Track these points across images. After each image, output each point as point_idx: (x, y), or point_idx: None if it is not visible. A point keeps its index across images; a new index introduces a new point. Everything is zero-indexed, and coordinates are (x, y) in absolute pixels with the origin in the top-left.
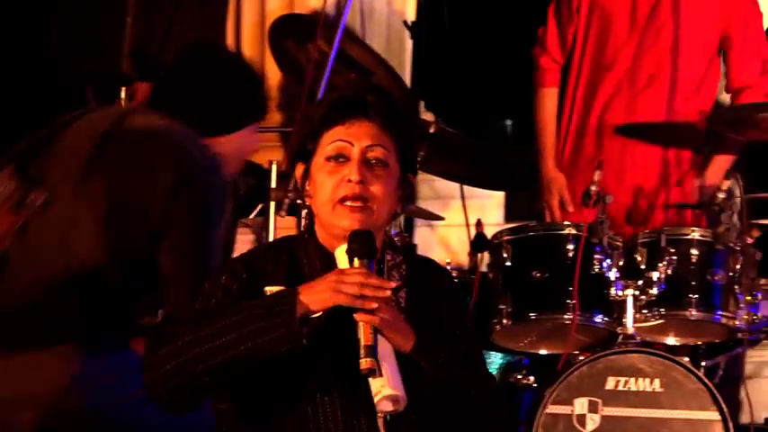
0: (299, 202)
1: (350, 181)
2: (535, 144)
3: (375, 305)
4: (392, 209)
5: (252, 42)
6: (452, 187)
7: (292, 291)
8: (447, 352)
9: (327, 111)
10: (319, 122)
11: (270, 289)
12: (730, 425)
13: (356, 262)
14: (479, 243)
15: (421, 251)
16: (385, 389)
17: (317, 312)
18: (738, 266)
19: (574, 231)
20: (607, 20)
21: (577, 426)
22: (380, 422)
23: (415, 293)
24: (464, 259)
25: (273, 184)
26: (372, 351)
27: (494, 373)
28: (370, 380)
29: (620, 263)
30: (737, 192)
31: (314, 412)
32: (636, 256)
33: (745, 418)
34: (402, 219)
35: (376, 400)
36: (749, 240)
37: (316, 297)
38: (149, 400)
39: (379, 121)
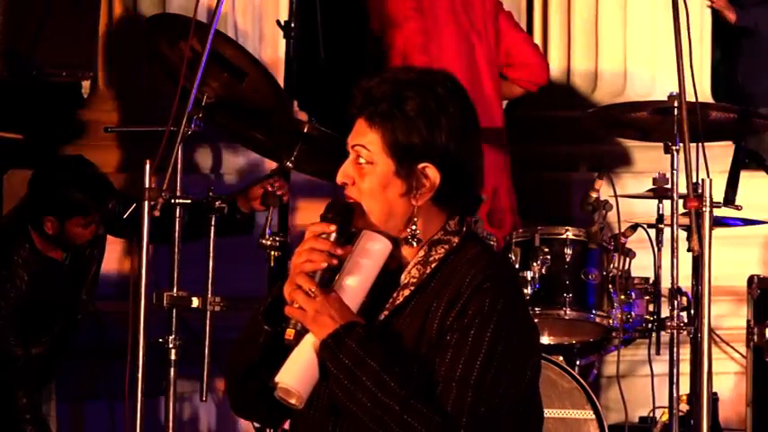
0: (173, 201)
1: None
2: None
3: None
4: (392, 204)
5: (124, 44)
6: None
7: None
8: (374, 354)
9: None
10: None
11: None
12: (605, 423)
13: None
14: None
15: None
16: (278, 378)
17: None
18: (612, 266)
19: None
20: None
21: None
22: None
23: (427, 294)
24: None
25: (148, 184)
26: (303, 327)
27: None
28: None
29: None
30: (611, 191)
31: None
32: (510, 255)
33: (619, 417)
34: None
35: (275, 384)
36: (623, 240)
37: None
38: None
39: (370, 117)
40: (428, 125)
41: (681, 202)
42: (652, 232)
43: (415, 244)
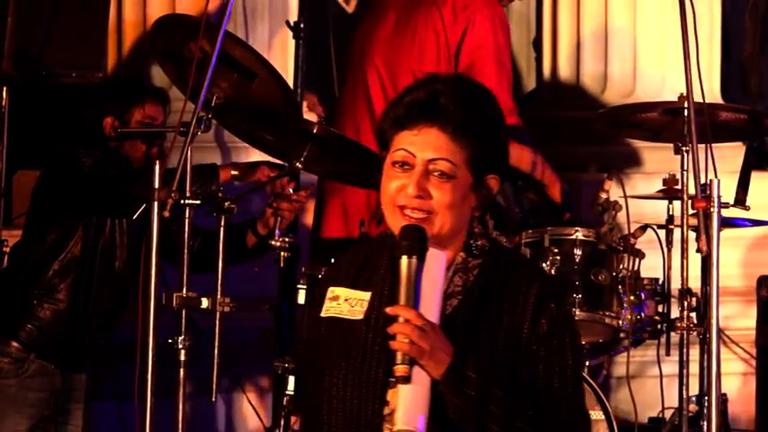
0: (182, 202)
1: (408, 193)
2: None
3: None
4: (464, 215)
5: (133, 44)
6: None
7: None
8: (490, 379)
9: (401, 111)
10: (392, 122)
11: (333, 290)
12: (614, 424)
13: (403, 260)
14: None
15: None
16: (399, 422)
17: None
18: (622, 266)
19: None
20: None
21: None
22: None
23: (472, 303)
24: None
25: (157, 184)
26: (412, 361)
27: None
28: (396, 406)
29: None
30: (621, 192)
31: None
32: None
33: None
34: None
35: (393, 429)
36: (632, 240)
37: None
38: None
39: (449, 129)
40: (497, 137)
41: (690, 202)
42: (662, 233)
43: (475, 255)
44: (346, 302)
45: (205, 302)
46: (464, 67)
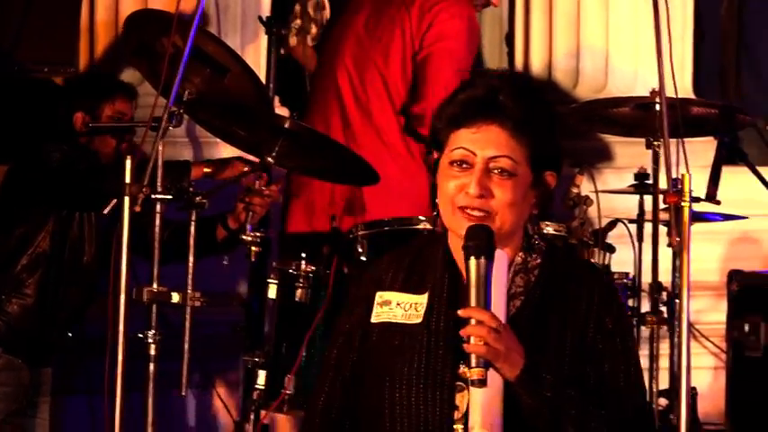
0: (153, 197)
1: (468, 193)
2: None
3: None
4: (524, 213)
5: (105, 40)
6: None
7: None
8: (560, 379)
9: (458, 110)
10: (448, 121)
11: (382, 294)
12: None
13: (472, 261)
14: (335, 238)
15: None
16: (476, 426)
17: None
18: (593, 261)
19: (428, 226)
20: None
21: None
22: None
23: (536, 303)
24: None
25: (128, 179)
26: (485, 363)
27: None
28: (470, 409)
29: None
30: (592, 186)
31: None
32: None
33: None
34: None
35: None
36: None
37: None
38: None
39: (509, 126)
40: (553, 133)
41: (662, 197)
42: (633, 227)
43: (536, 252)
44: (399, 307)
45: (176, 297)
46: (421, 59)
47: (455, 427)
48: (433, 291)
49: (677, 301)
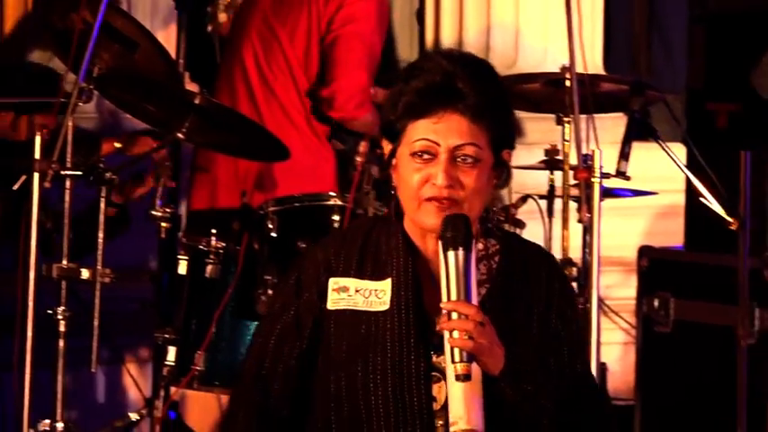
0: (63, 173)
1: (436, 184)
2: None
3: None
4: (487, 197)
5: (14, 16)
6: None
7: None
8: (536, 371)
9: (414, 99)
10: (404, 111)
11: (337, 281)
12: None
13: (450, 253)
14: (246, 214)
15: None
16: (461, 422)
17: None
18: None
19: (339, 202)
20: None
21: None
22: None
23: (501, 291)
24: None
25: (38, 155)
26: (470, 357)
27: None
28: (452, 404)
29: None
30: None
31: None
32: None
33: None
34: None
35: (452, 429)
36: (513, 211)
37: None
38: None
39: (470, 113)
40: (510, 111)
41: (572, 173)
42: (543, 203)
43: (495, 237)
44: (358, 294)
45: (85, 273)
46: (329, 41)
47: (437, 421)
48: (397, 278)
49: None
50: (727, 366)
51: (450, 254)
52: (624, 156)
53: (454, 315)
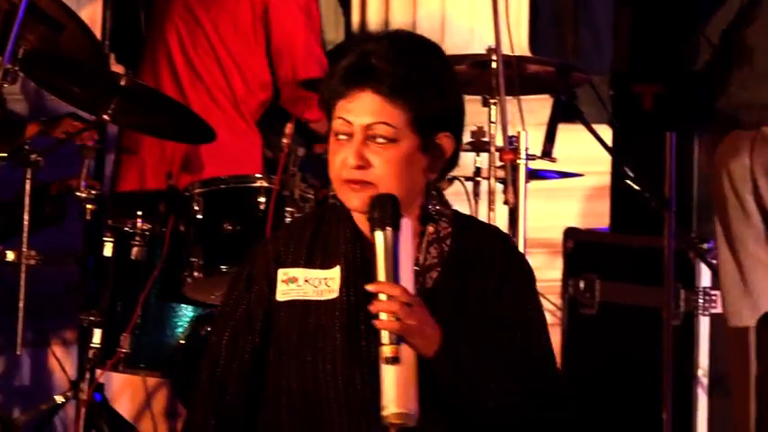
0: None
1: (346, 164)
2: None
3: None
4: (415, 180)
5: None
6: None
7: None
8: (481, 352)
9: (335, 80)
10: (330, 93)
11: (286, 271)
12: None
13: (378, 233)
14: (171, 196)
15: None
16: (391, 405)
17: None
18: None
19: (265, 184)
20: None
21: None
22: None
23: (453, 274)
24: None
25: None
26: (398, 339)
27: (185, 326)
28: (383, 388)
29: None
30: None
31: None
32: None
33: None
34: None
35: (383, 413)
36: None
37: None
38: None
39: (384, 90)
40: (446, 91)
41: (498, 155)
42: (469, 185)
43: (434, 220)
44: (308, 284)
45: (10, 255)
46: (270, 25)
47: None
48: (346, 265)
49: None
50: (652, 348)
51: (378, 234)
52: (550, 138)
53: (383, 297)
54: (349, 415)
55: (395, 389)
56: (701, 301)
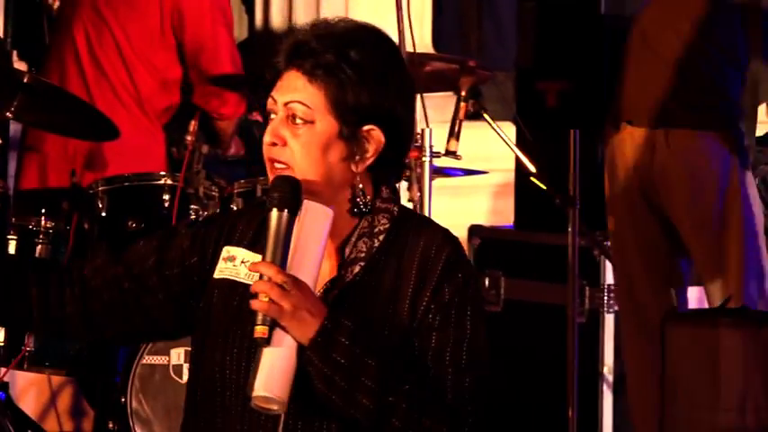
0: None
1: (265, 142)
2: None
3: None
4: (332, 168)
5: None
6: None
7: None
8: (370, 348)
9: (277, 58)
10: (270, 73)
11: (229, 249)
12: None
13: (273, 213)
14: (75, 194)
15: None
16: (257, 388)
17: None
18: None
19: (170, 182)
20: None
21: (174, 376)
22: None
23: (376, 271)
24: None
25: None
26: (273, 322)
27: None
28: (253, 370)
29: (218, 212)
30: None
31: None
32: (232, 206)
33: None
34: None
35: (251, 395)
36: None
37: None
38: None
39: (307, 70)
40: (377, 84)
41: None
42: None
43: (364, 214)
44: (243, 265)
45: None
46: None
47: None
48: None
49: None
50: (557, 345)
51: (273, 213)
52: (454, 135)
53: (264, 277)
54: (244, 402)
55: (263, 371)
56: (605, 298)
